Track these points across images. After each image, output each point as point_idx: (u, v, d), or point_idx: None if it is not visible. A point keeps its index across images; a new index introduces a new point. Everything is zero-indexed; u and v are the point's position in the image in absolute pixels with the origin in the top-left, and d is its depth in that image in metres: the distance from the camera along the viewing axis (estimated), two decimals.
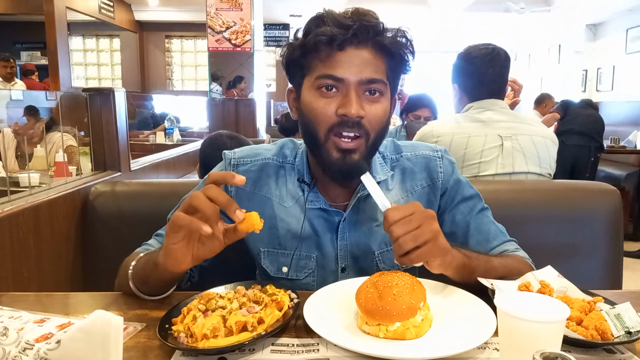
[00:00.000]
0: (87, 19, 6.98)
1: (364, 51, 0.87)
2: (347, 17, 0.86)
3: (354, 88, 0.86)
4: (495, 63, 1.61)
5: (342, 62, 0.86)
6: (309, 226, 0.97)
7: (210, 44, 5.36)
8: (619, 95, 6.82)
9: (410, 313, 0.71)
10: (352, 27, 0.84)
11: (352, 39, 0.85)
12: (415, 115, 2.71)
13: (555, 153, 1.65)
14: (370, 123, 0.88)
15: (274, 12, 7.39)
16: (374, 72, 0.87)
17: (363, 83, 0.87)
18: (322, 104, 0.87)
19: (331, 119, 0.87)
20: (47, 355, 0.58)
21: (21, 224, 1.21)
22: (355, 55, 0.86)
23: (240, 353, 0.69)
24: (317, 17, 0.88)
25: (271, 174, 1.00)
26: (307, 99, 0.90)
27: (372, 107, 0.88)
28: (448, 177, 1.02)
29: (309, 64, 0.89)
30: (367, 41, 0.86)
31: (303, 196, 0.97)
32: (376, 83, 0.87)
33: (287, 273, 0.98)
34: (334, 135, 0.87)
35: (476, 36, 7.73)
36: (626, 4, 6.20)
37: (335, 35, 0.84)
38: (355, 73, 0.86)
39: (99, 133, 1.66)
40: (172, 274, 0.82)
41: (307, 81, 0.90)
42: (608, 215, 1.32)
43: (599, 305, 0.77)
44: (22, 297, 0.91)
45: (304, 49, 0.88)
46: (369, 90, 0.88)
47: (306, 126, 0.91)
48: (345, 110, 0.85)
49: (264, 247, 0.99)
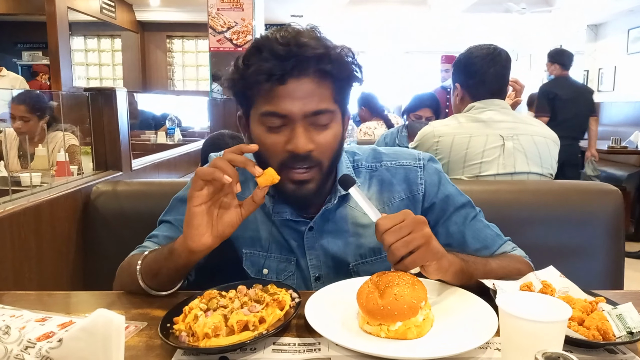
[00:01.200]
0: (89, 19, 6.98)
1: (307, 82, 0.83)
2: (285, 44, 0.82)
3: (299, 122, 0.84)
4: (496, 62, 1.63)
5: (284, 96, 0.83)
6: (279, 235, 0.98)
7: (212, 44, 5.36)
8: (620, 96, 6.81)
9: (412, 313, 0.71)
10: (290, 58, 0.81)
11: (292, 71, 0.82)
12: (417, 115, 2.71)
13: (557, 153, 1.66)
14: (321, 153, 0.87)
15: (275, 13, 7.40)
16: (319, 102, 0.84)
17: (308, 116, 0.84)
18: (270, 141, 0.87)
19: (280, 154, 0.86)
20: (49, 353, 0.58)
21: (22, 223, 1.21)
22: (298, 88, 0.83)
23: (242, 352, 0.69)
24: (255, 47, 0.84)
25: (250, 178, 0.99)
26: (255, 132, 0.89)
27: (321, 136, 0.87)
28: (433, 188, 1.00)
29: (252, 97, 0.87)
30: (309, 70, 0.83)
31: (269, 208, 0.97)
32: (322, 114, 0.85)
33: (267, 275, 0.98)
34: (287, 168, 0.87)
35: (477, 37, 7.73)
36: (627, 4, 6.19)
37: (274, 70, 0.81)
38: (299, 107, 0.83)
39: (100, 133, 1.66)
40: (188, 257, 0.82)
41: (253, 113, 0.89)
42: (609, 216, 1.32)
43: (600, 306, 0.77)
44: (23, 296, 0.91)
45: (245, 83, 0.86)
46: (316, 121, 0.86)
47: (259, 157, 0.90)
48: (292, 147, 0.84)
49: (246, 249, 0.99)
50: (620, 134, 5.03)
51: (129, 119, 1.73)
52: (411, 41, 9.80)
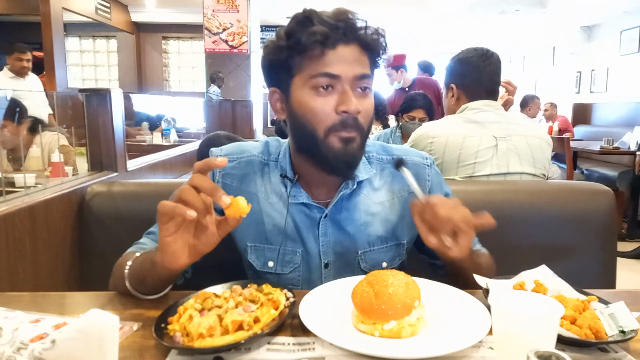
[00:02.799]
0: (84, 19, 6.97)
1: (353, 48, 0.89)
2: (334, 15, 0.88)
3: (349, 84, 0.88)
4: (491, 62, 1.67)
5: (335, 60, 0.87)
6: (291, 221, 0.99)
7: (207, 46, 5.36)
8: (613, 97, 6.86)
9: (406, 312, 0.71)
10: (340, 27, 0.87)
11: (342, 37, 0.87)
12: (410, 117, 2.72)
13: (550, 154, 1.67)
14: (364, 118, 0.91)
15: (270, 14, 7.40)
16: (364, 67, 0.90)
17: (357, 79, 0.89)
18: (320, 103, 0.88)
19: (330, 116, 0.88)
20: (42, 355, 0.57)
21: (17, 224, 1.20)
22: (347, 53, 0.88)
23: (236, 352, 0.69)
24: (304, 16, 0.89)
25: (257, 171, 1.02)
26: (301, 99, 0.90)
27: (364, 102, 0.90)
28: (437, 187, 1.05)
29: (299, 63, 0.89)
30: (354, 39, 0.89)
31: (286, 192, 0.99)
32: (367, 78, 0.90)
33: (273, 268, 0.99)
34: (335, 131, 0.89)
35: (472, 38, 7.77)
36: (620, 6, 6.24)
37: (329, 34, 0.86)
38: (349, 69, 0.88)
39: (95, 133, 1.66)
40: (170, 272, 0.82)
41: (297, 81, 0.90)
42: (602, 216, 1.33)
43: (593, 305, 0.78)
44: (17, 297, 0.91)
45: (293, 50, 0.88)
46: (361, 87, 0.90)
47: (301, 126, 0.91)
48: (346, 107, 0.87)
49: (250, 242, 1.00)
50: (613, 135, 5.07)
51: (124, 119, 1.73)
52: (408, 42, 9.83)
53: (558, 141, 3.99)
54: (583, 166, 5.25)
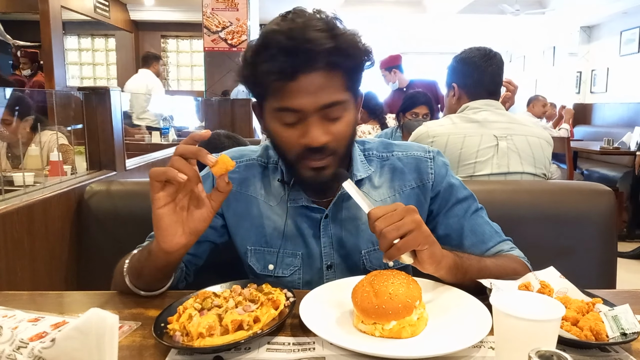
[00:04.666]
0: (83, 18, 6.94)
1: (317, 76, 0.81)
2: (293, 38, 0.79)
3: (313, 116, 0.83)
4: (492, 62, 1.67)
5: (296, 92, 0.81)
6: (292, 224, 0.98)
7: (206, 44, 5.35)
8: (613, 97, 6.87)
9: (406, 312, 0.71)
10: (299, 55, 0.79)
11: (301, 67, 0.80)
12: (414, 113, 2.71)
13: (550, 154, 1.67)
14: (337, 142, 0.87)
15: (269, 13, 7.37)
16: (331, 94, 0.83)
17: (321, 109, 0.83)
18: (285, 135, 0.87)
19: (296, 148, 0.87)
20: (42, 353, 0.57)
21: (15, 222, 1.20)
22: (309, 83, 0.81)
23: (236, 352, 0.69)
24: (263, 44, 0.82)
25: (256, 174, 1.01)
26: (270, 126, 0.89)
27: (335, 127, 0.86)
28: (440, 179, 1.01)
29: (263, 94, 0.87)
30: (318, 65, 0.81)
31: (285, 195, 0.98)
32: (335, 106, 0.84)
33: (273, 270, 0.99)
34: (304, 159, 0.87)
35: (471, 38, 7.77)
36: (620, 6, 6.25)
37: (283, 68, 0.79)
38: (312, 101, 0.82)
39: (94, 132, 1.65)
40: (167, 257, 0.81)
41: (267, 107, 0.89)
42: (602, 216, 1.33)
43: (597, 307, 0.77)
44: (15, 296, 0.90)
45: (255, 80, 0.85)
46: (330, 117, 0.85)
47: (275, 147, 0.92)
48: (307, 141, 0.84)
49: (250, 246, 1.00)
50: (613, 135, 5.07)
51: (122, 118, 1.72)
52: (406, 42, 9.83)
53: (558, 141, 3.99)
54: (583, 166, 5.25)
